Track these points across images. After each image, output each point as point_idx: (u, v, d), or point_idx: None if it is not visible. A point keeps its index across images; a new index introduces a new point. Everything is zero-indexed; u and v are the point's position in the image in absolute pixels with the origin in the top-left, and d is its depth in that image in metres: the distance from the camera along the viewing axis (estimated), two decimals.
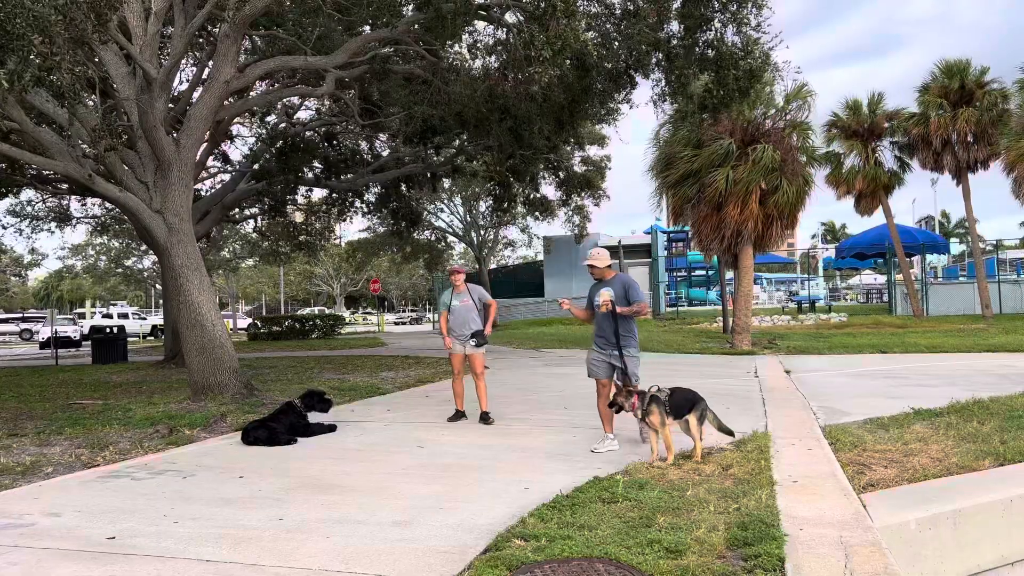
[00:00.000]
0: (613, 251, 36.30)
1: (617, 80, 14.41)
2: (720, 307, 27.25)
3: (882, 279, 50.32)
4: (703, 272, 44.27)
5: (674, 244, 41.74)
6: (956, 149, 25.70)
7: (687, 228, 25.86)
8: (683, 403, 6.34)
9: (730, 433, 6.64)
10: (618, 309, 6.72)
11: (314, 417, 8.23)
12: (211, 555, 4.21)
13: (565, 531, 4.39)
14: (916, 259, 33.92)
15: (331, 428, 8.20)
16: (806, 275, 49.46)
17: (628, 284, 6.87)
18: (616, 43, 13.26)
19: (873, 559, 3.92)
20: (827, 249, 63.73)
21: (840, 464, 6.06)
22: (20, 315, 55.22)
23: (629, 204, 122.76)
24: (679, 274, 43.42)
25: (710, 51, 12.64)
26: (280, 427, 7.70)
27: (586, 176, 25.49)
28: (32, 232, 27.21)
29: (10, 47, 7.89)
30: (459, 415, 8.85)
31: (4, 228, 26.65)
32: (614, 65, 13.78)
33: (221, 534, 4.58)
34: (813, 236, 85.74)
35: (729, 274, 23.74)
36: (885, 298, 37.94)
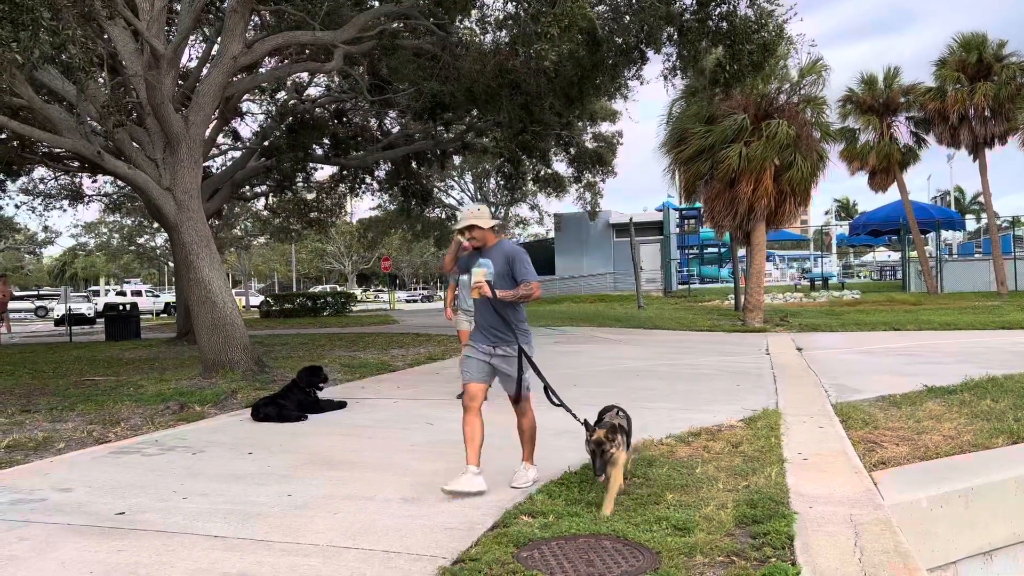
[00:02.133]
0: (624, 228, 36.37)
1: (628, 55, 14.20)
2: (732, 284, 27.11)
3: (896, 256, 49.91)
4: (715, 249, 44.07)
5: (686, 221, 41.54)
6: (973, 124, 25.36)
7: (699, 205, 25.69)
8: (628, 428, 4.99)
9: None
10: (499, 293, 4.89)
11: (322, 394, 8.24)
12: (220, 531, 4.23)
13: (573, 508, 4.38)
14: (931, 236, 33.58)
15: (341, 404, 8.22)
16: (819, 252, 49.16)
17: (514, 256, 5.09)
18: (627, 17, 13.06)
19: (883, 537, 3.89)
20: (840, 226, 63.28)
21: (851, 442, 6.02)
22: (35, 293, 55.73)
23: (641, 181, 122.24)
24: (691, 251, 43.24)
25: (724, 24, 12.43)
26: (290, 404, 7.73)
27: (598, 152, 25.27)
28: (45, 210, 27.32)
29: (20, 21, 7.84)
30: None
31: (17, 207, 26.79)
32: (625, 40, 13.58)
33: (230, 510, 4.60)
34: (827, 213, 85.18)
35: (741, 251, 23.59)
36: (899, 275, 37.67)
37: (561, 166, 25.36)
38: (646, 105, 27.31)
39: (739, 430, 6.43)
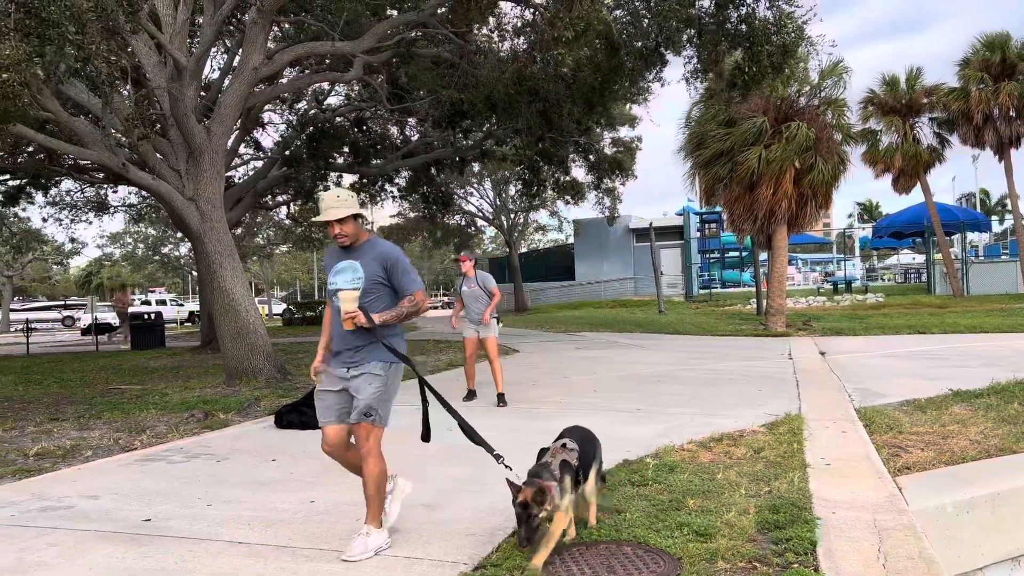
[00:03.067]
0: (644, 233, 36.23)
1: (647, 58, 14.21)
2: (754, 288, 26.93)
3: (920, 258, 49.30)
4: (736, 253, 43.81)
5: (706, 225, 41.30)
6: (998, 124, 25.03)
7: (719, 209, 25.56)
8: (589, 455, 4.16)
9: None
10: (377, 318, 3.93)
11: None
12: (244, 537, 4.27)
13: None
14: (956, 238, 33.15)
15: None
16: (842, 255, 48.70)
17: (392, 260, 4.05)
18: (646, 21, 13.07)
19: (908, 543, 3.85)
20: (863, 228, 62.66)
21: (875, 446, 5.96)
22: (62, 302, 56.58)
23: (661, 185, 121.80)
24: (712, 255, 43.02)
25: (743, 26, 12.40)
26: (312, 411, 7.75)
27: (617, 158, 25.25)
28: (71, 221, 27.77)
29: (46, 35, 8.00)
30: (471, 395, 9.15)
31: (45, 219, 27.22)
32: (644, 43, 13.59)
33: (254, 516, 4.64)
34: (849, 216, 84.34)
35: (763, 255, 23.43)
36: (923, 278, 37.21)
37: (580, 172, 25.36)
38: (666, 108, 27.31)
39: (761, 435, 6.39)
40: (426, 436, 4.27)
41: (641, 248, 37.79)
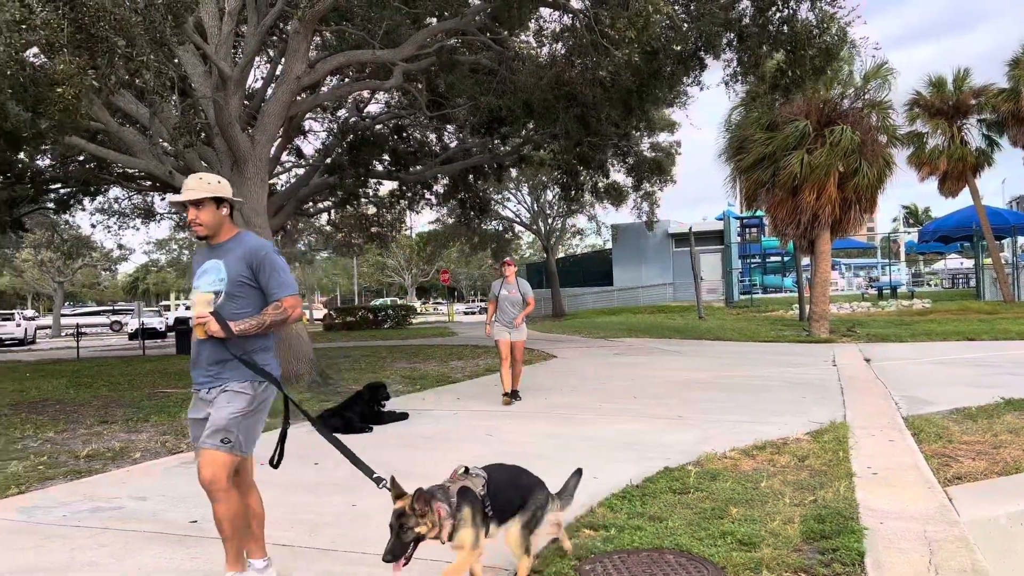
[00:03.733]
0: (683, 238, 35.93)
1: (686, 63, 14.12)
2: (796, 294, 26.53)
3: (969, 263, 48.09)
4: (778, 258, 43.21)
5: (747, 230, 40.85)
6: None
7: (761, 213, 25.24)
8: (514, 499, 3.55)
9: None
10: (235, 327, 3.40)
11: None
12: (288, 539, 4.32)
13: (635, 521, 4.34)
14: (1006, 241, 32.26)
15: (403, 416, 8.32)
16: (887, 260, 47.72)
17: (260, 257, 3.49)
18: (685, 25, 12.98)
19: (960, 554, 3.76)
20: (909, 233, 61.35)
21: (923, 456, 5.83)
22: (110, 308, 58.05)
23: (700, 189, 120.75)
24: (753, 261, 42.50)
25: (784, 28, 12.24)
26: (354, 415, 7.86)
27: (656, 160, 25.12)
28: (119, 228, 28.48)
29: (96, 50, 8.23)
30: (511, 395, 9.55)
31: (94, 226, 27.98)
32: (683, 47, 13.50)
33: (297, 519, 4.70)
34: (894, 220, 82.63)
35: (805, 260, 23.08)
36: (972, 283, 36.28)
37: (619, 176, 25.27)
38: (705, 111, 27.05)
39: (805, 443, 6.29)
40: (276, 462, 3.63)
41: (680, 253, 37.50)
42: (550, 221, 39.36)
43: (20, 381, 14.20)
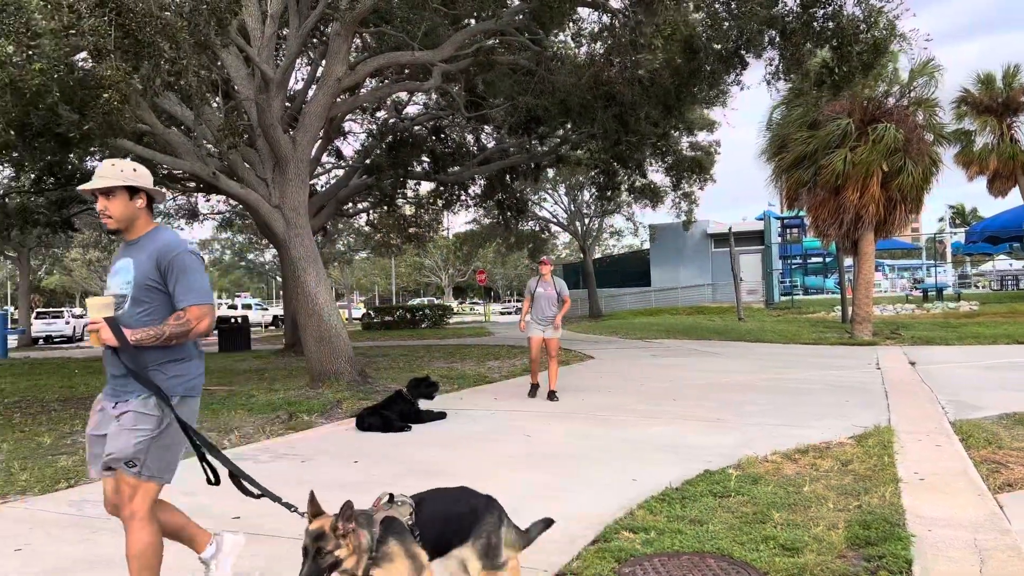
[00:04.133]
0: (723, 238, 35.54)
1: (727, 61, 13.96)
2: (838, 295, 26.08)
3: (1018, 264, 46.85)
4: (819, 259, 42.54)
5: (788, 230, 40.28)
6: None
7: (802, 213, 24.87)
8: (452, 525, 3.06)
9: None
10: (132, 335, 3.04)
11: (422, 404, 8.42)
12: None
13: (675, 524, 4.30)
14: None
15: (441, 415, 8.36)
16: (932, 261, 46.68)
17: (169, 258, 3.11)
18: (726, 23, 12.84)
19: (1012, 564, 3.65)
20: (956, 233, 59.91)
21: (972, 462, 5.68)
22: None
23: (739, 189, 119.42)
24: (794, 261, 41.89)
25: (829, 24, 12.01)
26: (392, 414, 7.91)
27: (695, 158, 24.89)
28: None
29: (141, 54, 8.41)
30: (535, 389, 9.90)
31: None
32: (724, 46, 13.35)
33: None
34: (940, 220, 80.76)
35: (848, 261, 22.68)
36: (1022, 285, 35.30)
37: (657, 176, 25.09)
38: (745, 110, 26.77)
39: (849, 447, 6.18)
40: (214, 479, 3.30)
41: (720, 253, 37.12)
42: (587, 221, 39.24)
43: (69, 377, 14.57)
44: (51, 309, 41.87)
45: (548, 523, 3.42)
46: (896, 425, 7.14)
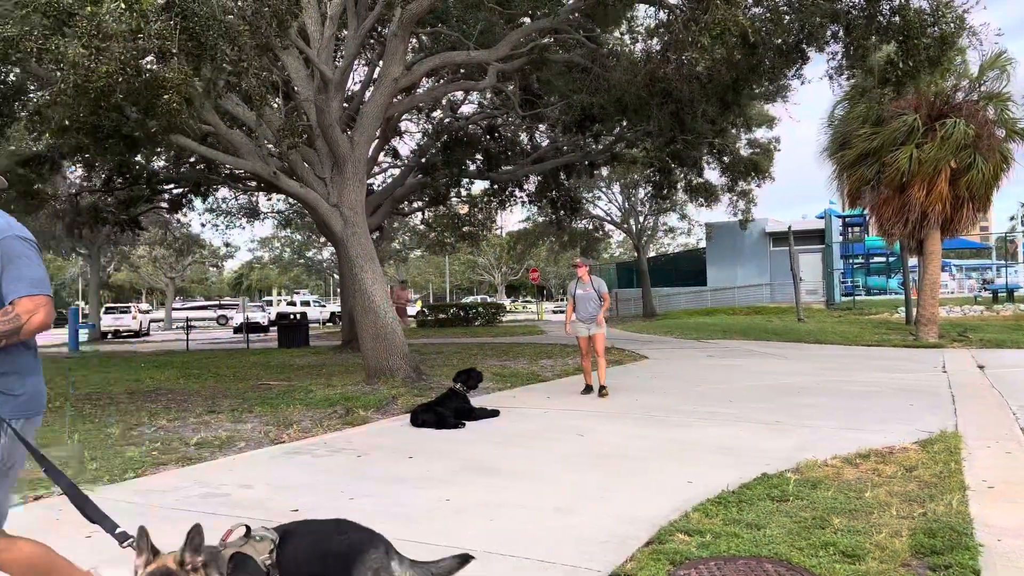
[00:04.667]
0: (782, 237, 34.83)
1: (787, 56, 13.68)
2: (902, 296, 25.34)
3: None
4: (882, 259, 41.39)
5: (850, 229, 39.30)
6: None
7: (864, 211, 24.23)
8: (325, 567, 2.63)
9: None
10: None
11: (474, 401, 8.49)
12: (383, 531, 4.41)
13: (731, 528, 4.24)
14: None
15: (494, 413, 8.39)
16: (1003, 261, 44.97)
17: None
18: (787, 17, 12.58)
19: None
20: None
21: None
22: (217, 303, 60.98)
23: (799, 187, 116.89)
24: (856, 261, 40.85)
25: (895, 18, 11.67)
26: (447, 411, 7.97)
27: (753, 160, 24.45)
28: (226, 227, 29.91)
29: (204, 56, 8.65)
30: (588, 389, 9.99)
31: (203, 226, 29.55)
32: (784, 40, 13.08)
33: (393, 512, 4.80)
34: (1011, 218, 77.56)
35: (913, 260, 22.01)
36: None
37: (714, 174, 24.73)
38: (807, 105, 26.13)
39: (913, 453, 5.99)
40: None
41: (778, 252, 36.41)
42: (641, 219, 38.90)
43: (136, 371, 15.08)
44: (119, 304, 43.36)
45: (464, 559, 2.95)
46: (964, 430, 6.90)
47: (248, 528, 2.51)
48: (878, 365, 12.88)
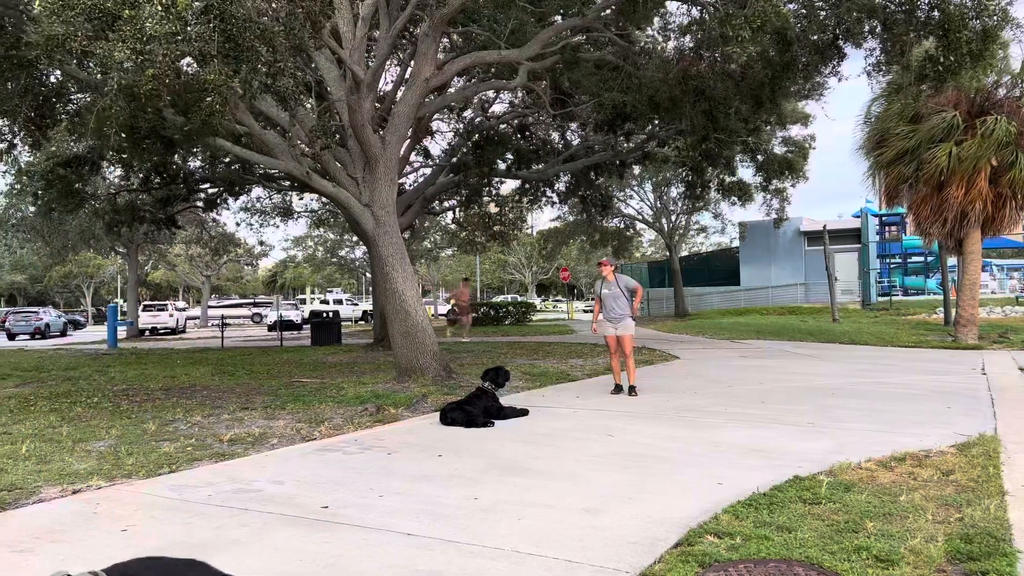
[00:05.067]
0: (816, 236, 34.32)
1: (823, 52, 13.48)
2: (941, 297, 24.85)
3: None
4: (920, 258, 40.64)
5: (887, 228, 38.64)
6: None
7: (902, 210, 23.80)
8: None
9: None
10: None
11: (504, 401, 8.50)
12: (412, 529, 4.45)
13: (762, 530, 4.19)
14: None
15: (523, 412, 8.40)
16: None
17: None
18: (823, 13, 12.39)
19: None
20: None
21: None
22: (252, 300, 61.82)
23: (835, 185, 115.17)
24: (893, 260, 40.15)
25: (935, 13, 11.43)
26: (476, 410, 7.99)
27: (787, 158, 24.15)
28: (260, 226, 30.29)
29: (241, 58, 8.76)
30: (618, 388, 9.94)
31: (238, 224, 29.97)
32: (820, 36, 12.89)
33: (422, 509, 4.83)
34: None
35: (952, 260, 21.58)
36: None
37: (747, 173, 24.48)
38: (844, 100, 25.82)
39: (950, 457, 5.87)
40: None
41: (813, 252, 35.93)
42: (673, 218, 38.63)
43: (172, 367, 15.34)
44: (156, 302, 44.13)
45: None
46: (1003, 434, 6.75)
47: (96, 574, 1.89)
48: (915, 367, 12.65)
